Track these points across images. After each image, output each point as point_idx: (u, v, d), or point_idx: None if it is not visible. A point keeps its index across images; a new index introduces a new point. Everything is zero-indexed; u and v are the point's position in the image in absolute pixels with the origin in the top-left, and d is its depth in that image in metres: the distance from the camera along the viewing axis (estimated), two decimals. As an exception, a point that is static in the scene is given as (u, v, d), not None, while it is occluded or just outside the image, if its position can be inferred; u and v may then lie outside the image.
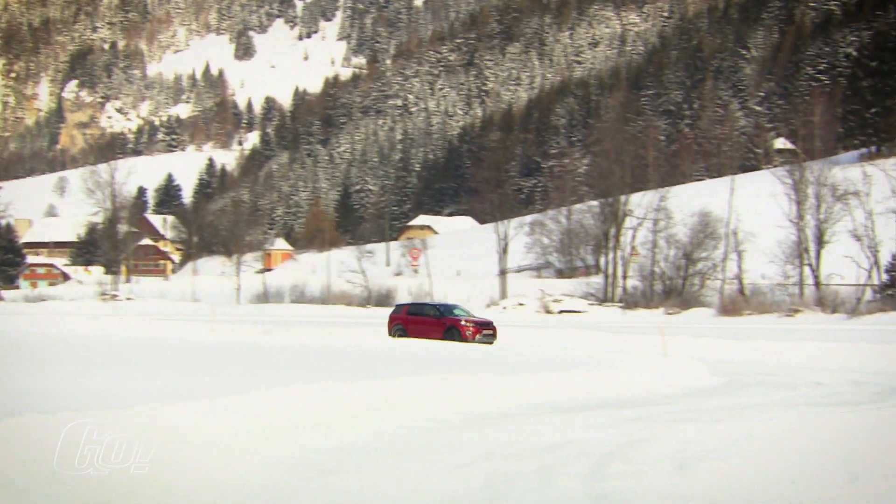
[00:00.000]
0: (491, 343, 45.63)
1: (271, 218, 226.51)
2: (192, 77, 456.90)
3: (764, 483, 14.08)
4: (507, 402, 23.27)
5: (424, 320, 48.44)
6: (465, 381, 24.22)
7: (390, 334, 48.82)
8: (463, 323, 46.72)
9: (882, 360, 39.17)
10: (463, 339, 45.62)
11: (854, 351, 41.63)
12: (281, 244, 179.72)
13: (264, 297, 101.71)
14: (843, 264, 77.49)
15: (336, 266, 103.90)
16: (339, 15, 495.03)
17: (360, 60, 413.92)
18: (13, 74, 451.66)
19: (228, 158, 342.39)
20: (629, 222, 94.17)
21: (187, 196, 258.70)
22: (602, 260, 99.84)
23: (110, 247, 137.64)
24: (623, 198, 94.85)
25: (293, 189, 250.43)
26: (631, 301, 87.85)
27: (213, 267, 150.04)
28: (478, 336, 45.78)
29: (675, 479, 14.47)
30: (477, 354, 37.09)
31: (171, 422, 14.68)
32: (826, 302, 75.25)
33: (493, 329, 47.14)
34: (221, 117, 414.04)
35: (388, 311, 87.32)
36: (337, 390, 20.25)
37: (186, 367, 28.59)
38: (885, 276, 77.31)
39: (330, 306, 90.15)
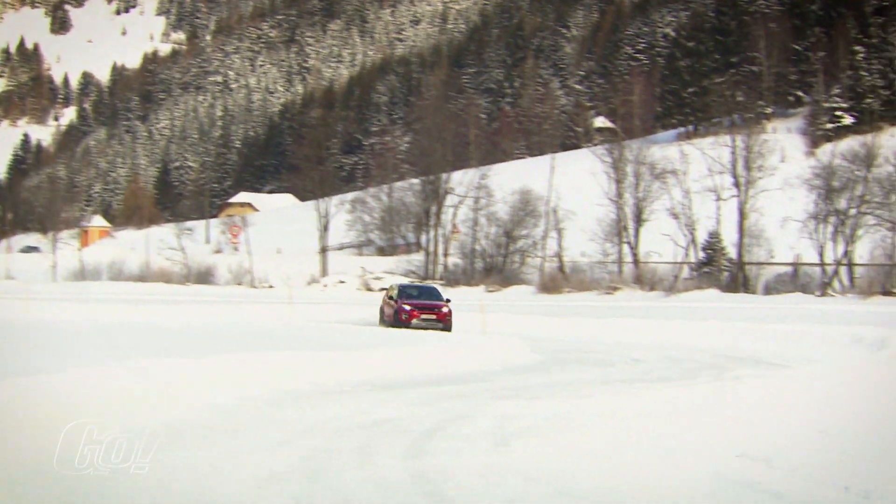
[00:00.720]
0: (436, 329, 41.55)
1: (89, 194, 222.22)
2: (6, 51, 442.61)
3: (580, 460, 14.09)
4: (327, 380, 23.14)
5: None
6: (284, 359, 24.02)
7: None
8: (403, 306, 43.42)
9: (697, 336, 40.03)
10: (402, 323, 42.80)
11: (671, 328, 42.60)
12: (99, 221, 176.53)
13: (81, 275, 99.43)
14: (661, 242, 78.76)
15: (155, 243, 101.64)
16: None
17: (180, 36, 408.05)
18: None
19: (44, 134, 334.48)
20: (450, 200, 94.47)
21: (1, 172, 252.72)
22: (423, 237, 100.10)
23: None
24: (444, 175, 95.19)
25: (111, 165, 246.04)
26: (452, 279, 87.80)
27: (27, 244, 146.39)
28: (414, 320, 42.29)
29: (494, 456, 14.48)
30: (304, 333, 36.64)
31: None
32: (644, 279, 76.58)
33: (438, 314, 43.10)
34: (37, 92, 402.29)
35: (208, 288, 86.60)
36: (148, 368, 19.73)
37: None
38: (701, 254, 78.66)
39: (149, 284, 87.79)
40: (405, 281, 79.08)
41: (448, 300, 45.34)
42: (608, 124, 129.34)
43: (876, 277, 69.48)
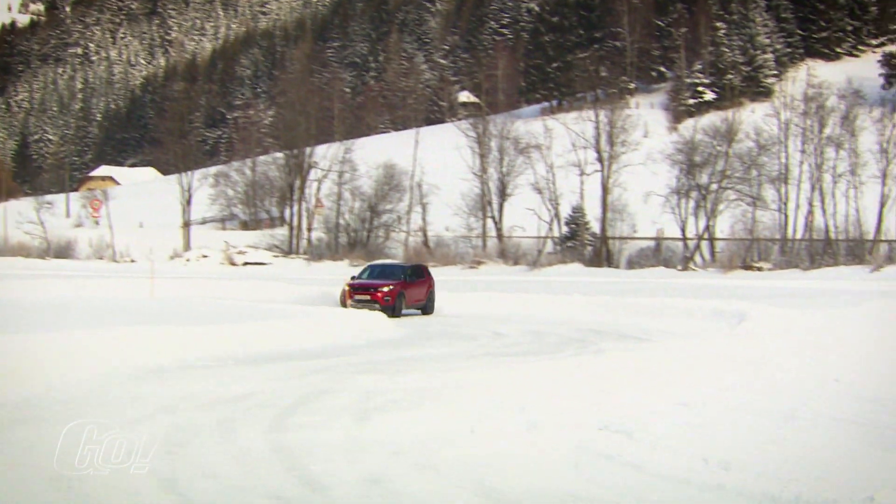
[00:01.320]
0: (373, 310, 36.60)
1: None
2: None
3: (443, 433, 14.17)
4: (189, 355, 23.00)
5: None
6: (146, 334, 23.75)
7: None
8: (345, 286, 41.18)
9: (561, 310, 40.55)
10: (343, 303, 40.64)
11: (535, 302, 42.98)
12: None
13: None
14: (524, 217, 79.37)
15: (13, 217, 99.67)
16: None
17: (39, 7, 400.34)
18: None
19: None
20: (314, 174, 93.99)
21: None
22: (287, 212, 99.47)
23: None
24: (308, 150, 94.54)
25: None
26: (316, 253, 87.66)
27: None
28: (349, 301, 39.37)
29: (356, 430, 14.51)
30: (164, 306, 36.12)
31: None
32: (508, 254, 77.05)
33: (374, 293, 39.31)
34: None
35: (69, 262, 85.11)
36: (7, 344, 19.42)
37: None
38: (565, 229, 79.42)
39: (6, 258, 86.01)
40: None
41: (421, 279, 42.05)
42: (472, 99, 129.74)
43: (736, 252, 70.60)
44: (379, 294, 39.31)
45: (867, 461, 11.74)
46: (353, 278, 42.31)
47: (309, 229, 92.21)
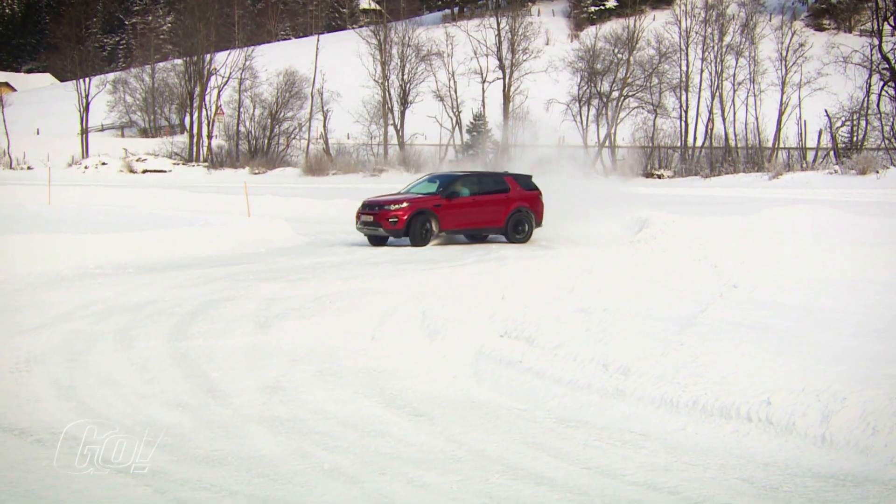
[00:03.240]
0: (378, 235, 29.82)
1: None
2: None
3: (344, 340, 14.22)
4: (90, 263, 22.77)
5: None
6: (43, 242, 23.44)
7: None
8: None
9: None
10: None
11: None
12: None
13: None
14: (426, 124, 79.57)
15: None
16: None
17: None
18: None
19: None
20: (214, 81, 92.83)
21: None
22: (187, 119, 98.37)
23: None
24: (207, 56, 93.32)
25: None
26: (216, 161, 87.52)
27: None
28: (356, 224, 30.20)
29: (257, 337, 14.52)
30: (62, 214, 35.57)
31: None
32: (410, 161, 76.88)
33: (379, 214, 29.26)
34: None
35: None
36: None
37: None
38: (466, 136, 79.83)
39: None
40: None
41: (499, 191, 31.10)
42: (374, 6, 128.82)
43: (637, 160, 71.26)
44: (384, 213, 29.29)
45: (764, 366, 11.88)
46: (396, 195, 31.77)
47: (209, 137, 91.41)
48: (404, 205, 29.46)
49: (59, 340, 14.11)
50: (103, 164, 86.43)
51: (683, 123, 74.65)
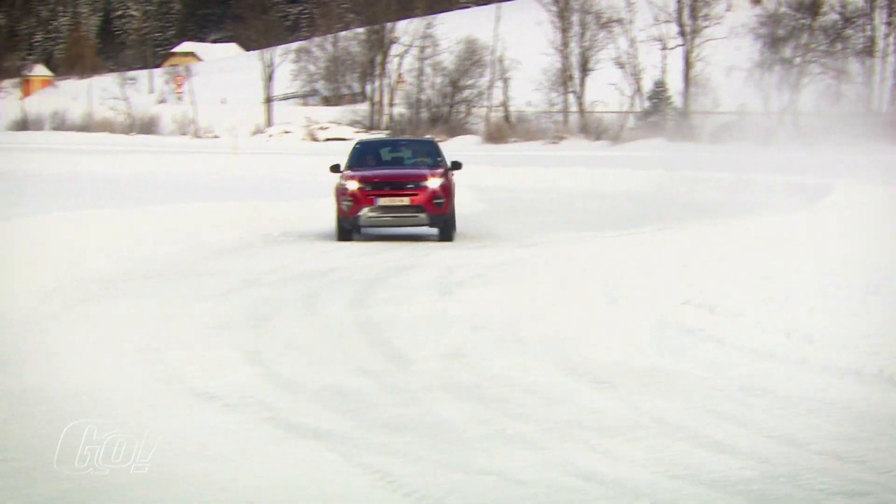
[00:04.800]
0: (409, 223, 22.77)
1: (30, 43, 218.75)
2: None
3: (525, 308, 14.13)
4: (274, 230, 23.25)
5: None
6: (233, 208, 24.03)
7: None
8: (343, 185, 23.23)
9: (643, 185, 39.99)
10: None
11: (616, 177, 42.48)
12: (40, 70, 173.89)
13: (23, 125, 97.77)
14: (606, 92, 78.43)
15: (98, 93, 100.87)
16: None
17: None
18: None
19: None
20: (395, 50, 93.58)
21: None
22: (368, 88, 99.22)
23: None
24: (389, 25, 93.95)
25: (52, 14, 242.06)
26: (397, 129, 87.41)
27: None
28: (362, 212, 21.68)
29: (439, 304, 14.55)
30: (250, 183, 36.51)
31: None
32: (590, 129, 76.66)
33: (416, 194, 22.13)
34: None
35: (153, 138, 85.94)
36: (101, 218, 19.72)
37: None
38: (647, 104, 79.13)
39: (92, 134, 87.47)
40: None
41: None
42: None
43: (820, 125, 69.73)
44: (422, 193, 22.12)
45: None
46: (335, 169, 23.63)
47: (391, 105, 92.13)
48: (438, 179, 22.64)
49: (245, 306, 14.34)
50: (286, 132, 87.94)
51: (868, 89, 72.76)
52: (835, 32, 74.55)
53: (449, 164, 24.03)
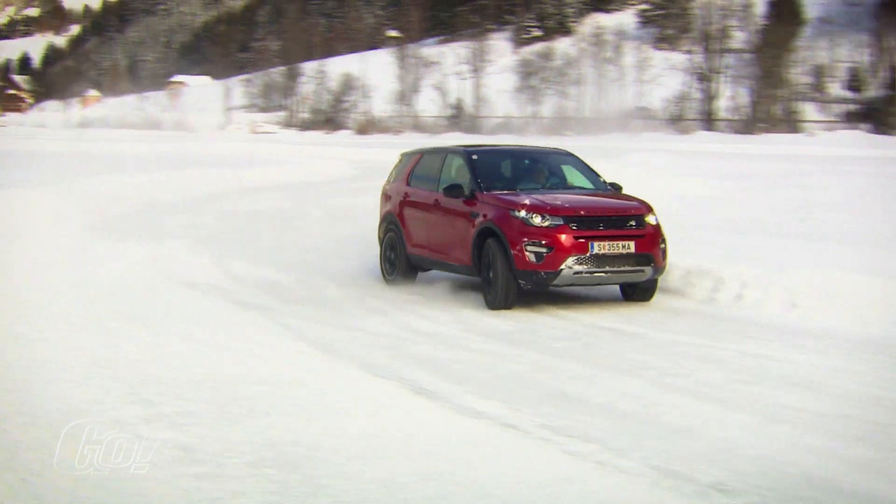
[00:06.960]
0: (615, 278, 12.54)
1: (87, 76, 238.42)
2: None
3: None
4: (230, 185, 27.45)
5: None
6: (209, 174, 28.18)
7: None
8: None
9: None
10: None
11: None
12: (93, 92, 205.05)
13: (84, 125, 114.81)
14: (428, 104, 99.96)
15: (128, 105, 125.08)
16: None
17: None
18: None
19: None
20: (302, 80, 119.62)
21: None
22: (287, 101, 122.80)
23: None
24: (300, 65, 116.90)
25: (99, 57, 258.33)
26: (304, 127, 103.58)
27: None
28: (524, 259, 12.24)
29: (329, 227, 17.65)
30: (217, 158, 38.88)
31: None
32: (418, 127, 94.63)
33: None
34: None
35: (159, 132, 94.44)
36: (139, 180, 23.23)
37: None
38: (451, 111, 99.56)
39: (125, 129, 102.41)
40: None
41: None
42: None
43: (559, 125, 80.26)
44: (648, 236, 12.80)
45: None
46: (454, 193, 13.43)
47: (300, 112, 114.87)
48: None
49: (210, 229, 18.42)
50: (238, 128, 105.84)
51: (579, 102, 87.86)
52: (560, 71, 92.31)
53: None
